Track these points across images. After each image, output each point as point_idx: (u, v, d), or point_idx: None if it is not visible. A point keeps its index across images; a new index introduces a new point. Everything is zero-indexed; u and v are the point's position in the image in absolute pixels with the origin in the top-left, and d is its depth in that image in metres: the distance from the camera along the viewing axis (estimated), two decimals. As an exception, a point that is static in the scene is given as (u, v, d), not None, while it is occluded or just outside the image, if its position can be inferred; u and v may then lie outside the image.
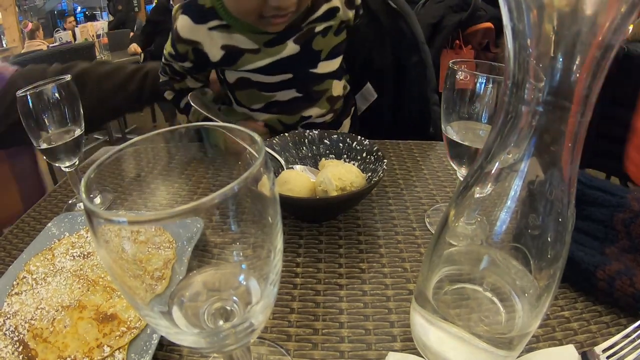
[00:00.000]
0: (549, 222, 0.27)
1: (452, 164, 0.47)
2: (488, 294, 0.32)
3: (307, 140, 0.63)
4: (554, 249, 0.27)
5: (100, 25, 5.50)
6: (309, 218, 0.55)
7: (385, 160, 0.54)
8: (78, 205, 0.61)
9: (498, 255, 0.30)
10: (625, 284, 0.38)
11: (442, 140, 0.50)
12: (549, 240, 0.27)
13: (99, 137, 3.22)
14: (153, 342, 0.36)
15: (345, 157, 0.61)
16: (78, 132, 0.56)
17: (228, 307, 0.25)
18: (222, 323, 0.24)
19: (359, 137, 0.60)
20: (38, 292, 0.42)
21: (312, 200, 0.51)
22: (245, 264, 0.25)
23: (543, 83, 0.23)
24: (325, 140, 0.62)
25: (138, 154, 0.24)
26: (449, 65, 0.45)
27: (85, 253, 0.48)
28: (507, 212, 0.28)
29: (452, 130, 0.46)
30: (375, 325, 0.39)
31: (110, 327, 0.37)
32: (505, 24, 0.23)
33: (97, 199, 0.22)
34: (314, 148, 0.63)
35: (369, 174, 0.55)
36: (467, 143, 0.44)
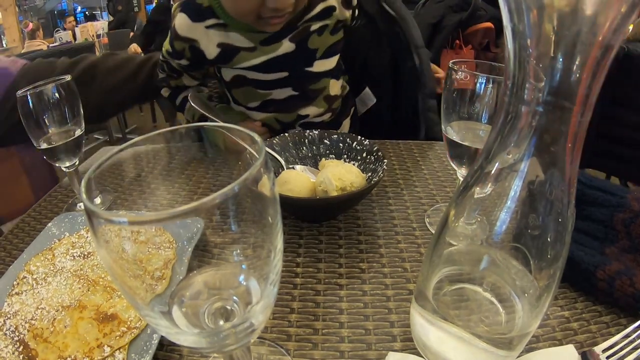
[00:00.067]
0: (549, 222, 0.27)
1: (452, 164, 0.47)
2: (488, 294, 0.32)
3: (307, 140, 0.63)
4: (554, 249, 0.27)
5: (101, 25, 5.50)
6: (309, 218, 0.55)
7: (386, 160, 0.54)
8: (78, 205, 0.61)
9: (498, 255, 0.30)
10: (625, 284, 0.38)
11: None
12: (549, 240, 0.27)
13: (99, 137, 3.22)
14: (153, 342, 0.36)
15: (346, 157, 0.61)
16: (78, 132, 0.56)
17: (228, 307, 0.25)
18: (222, 323, 0.24)
19: (359, 137, 0.60)
20: (38, 292, 0.42)
21: (312, 200, 0.51)
22: (246, 264, 0.25)
23: (543, 83, 0.23)
24: (325, 140, 0.62)
25: (138, 154, 0.24)
26: (449, 65, 0.45)
27: (86, 253, 0.48)
28: (507, 212, 0.28)
29: (452, 130, 0.46)
30: (375, 325, 0.39)
31: (111, 327, 0.37)
32: (505, 24, 0.23)
33: (97, 199, 0.22)
34: (314, 148, 0.63)
35: (369, 174, 0.55)
36: (467, 143, 0.44)
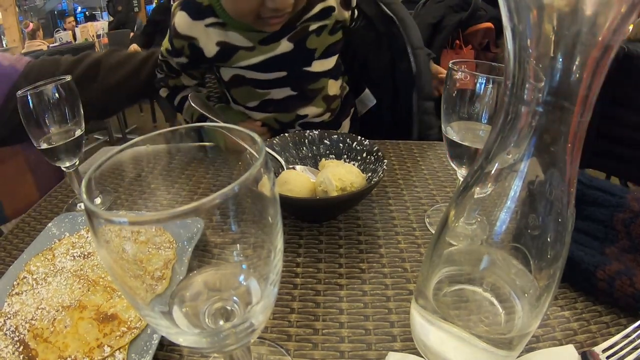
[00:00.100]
0: (549, 222, 0.27)
1: (452, 164, 0.47)
2: (488, 294, 0.32)
3: (307, 141, 0.63)
4: (554, 249, 0.27)
5: (101, 26, 5.50)
6: (309, 218, 0.55)
7: (386, 161, 0.54)
8: (78, 205, 0.61)
9: (498, 255, 0.30)
10: (625, 284, 0.38)
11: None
12: (549, 241, 0.27)
13: (99, 137, 3.22)
14: (153, 342, 0.36)
15: (346, 157, 0.61)
16: (78, 132, 0.56)
17: (228, 307, 0.25)
18: (222, 323, 0.24)
19: (359, 137, 0.60)
20: (38, 292, 0.42)
21: (312, 201, 0.51)
22: (246, 264, 0.25)
23: (543, 83, 0.23)
24: (326, 141, 0.62)
25: (138, 154, 0.24)
26: (449, 66, 0.45)
27: (86, 253, 0.48)
28: (507, 212, 0.28)
29: (452, 131, 0.46)
30: (376, 325, 0.39)
31: (111, 327, 0.37)
32: (505, 24, 0.23)
33: (97, 199, 0.22)
34: (314, 148, 0.63)
35: (369, 174, 0.55)
36: (467, 143, 0.44)
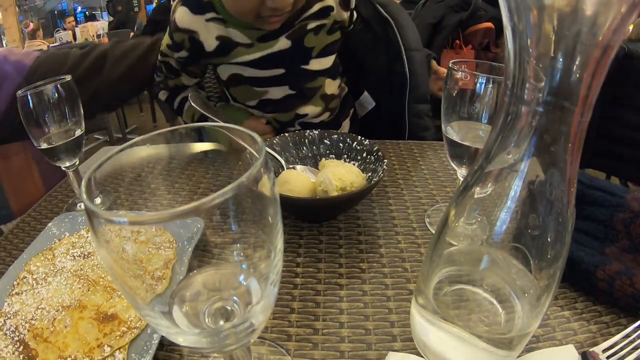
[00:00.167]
0: (549, 222, 0.27)
1: (452, 164, 0.47)
2: (488, 294, 0.32)
3: (307, 140, 0.63)
4: (554, 249, 0.27)
5: (101, 25, 5.50)
6: (309, 218, 0.55)
7: (386, 160, 0.54)
8: (78, 205, 0.61)
9: (498, 255, 0.30)
10: (625, 284, 0.38)
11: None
12: (549, 240, 0.27)
13: (99, 137, 3.22)
14: (153, 342, 0.36)
15: (346, 157, 0.61)
16: (78, 132, 0.56)
17: (228, 307, 0.25)
18: (222, 323, 0.24)
19: (359, 137, 0.60)
20: (38, 292, 0.42)
21: (312, 200, 0.51)
22: (246, 264, 0.25)
23: (543, 83, 0.23)
24: (326, 140, 0.62)
25: (138, 154, 0.24)
26: (449, 65, 0.45)
27: (86, 253, 0.48)
28: (507, 212, 0.28)
29: (452, 130, 0.46)
30: (376, 325, 0.39)
31: (111, 327, 0.38)
32: (505, 24, 0.23)
33: (97, 199, 0.22)
34: (314, 148, 0.63)
35: (369, 174, 0.55)
36: (467, 143, 0.44)
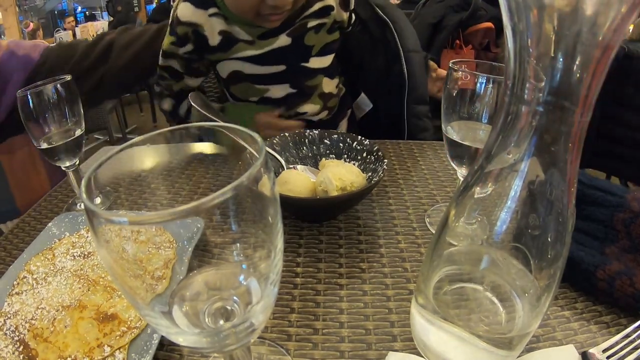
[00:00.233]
0: (549, 222, 0.27)
1: (452, 164, 0.47)
2: (488, 294, 0.32)
3: (307, 140, 0.63)
4: (554, 249, 0.27)
5: (101, 25, 5.49)
6: (309, 218, 0.55)
7: (386, 160, 0.54)
8: (78, 205, 0.61)
9: (498, 255, 0.30)
10: (625, 284, 0.38)
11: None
12: (549, 240, 0.27)
13: (99, 137, 3.21)
14: (153, 342, 0.36)
15: (346, 157, 0.61)
16: (78, 132, 0.56)
17: (228, 307, 0.25)
18: (222, 323, 0.24)
19: (359, 137, 0.60)
20: (38, 291, 0.42)
21: (312, 200, 0.51)
22: (246, 264, 0.25)
23: (543, 83, 0.23)
24: (326, 140, 0.62)
25: (138, 154, 0.24)
26: (449, 65, 0.45)
27: (86, 253, 0.48)
28: (507, 212, 0.28)
29: (452, 130, 0.46)
30: (376, 325, 0.39)
31: (111, 326, 0.37)
32: (506, 24, 0.23)
33: (97, 199, 0.22)
34: (314, 148, 0.63)
35: (369, 174, 0.55)
36: (467, 143, 0.44)
